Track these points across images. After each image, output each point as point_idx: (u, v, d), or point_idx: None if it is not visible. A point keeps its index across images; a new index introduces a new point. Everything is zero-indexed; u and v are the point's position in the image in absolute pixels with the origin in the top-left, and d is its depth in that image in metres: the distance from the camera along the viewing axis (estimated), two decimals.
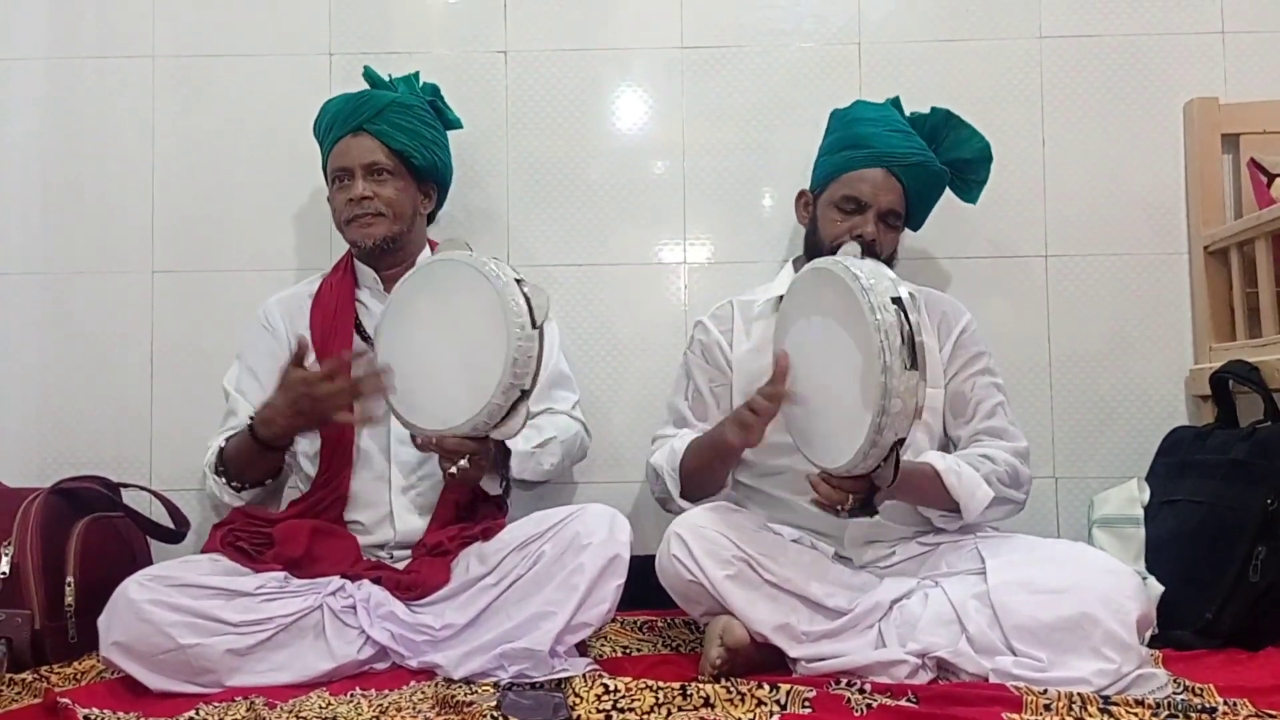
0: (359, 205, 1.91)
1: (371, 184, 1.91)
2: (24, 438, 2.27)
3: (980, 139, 1.97)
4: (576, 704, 1.44)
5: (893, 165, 1.88)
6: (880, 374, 1.46)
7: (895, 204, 1.88)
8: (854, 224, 1.87)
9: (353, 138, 1.93)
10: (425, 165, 1.98)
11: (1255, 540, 1.75)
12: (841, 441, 1.56)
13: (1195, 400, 2.22)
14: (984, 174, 2.00)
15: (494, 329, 1.61)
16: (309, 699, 1.53)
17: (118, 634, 1.57)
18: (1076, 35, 2.29)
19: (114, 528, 1.97)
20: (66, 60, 2.31)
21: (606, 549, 1.63)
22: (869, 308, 1.48)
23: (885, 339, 1.46)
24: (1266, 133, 2.23)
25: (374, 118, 1.94)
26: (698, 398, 1.94)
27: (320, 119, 2.01)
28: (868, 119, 1.95)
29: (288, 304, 1.99)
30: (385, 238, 1.92)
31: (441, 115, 2.09)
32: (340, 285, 1.96)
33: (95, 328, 2.28)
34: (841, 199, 1.89)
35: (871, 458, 1.52)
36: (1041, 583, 1.55)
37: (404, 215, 1.95)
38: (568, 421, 1.97)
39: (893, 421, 1.49)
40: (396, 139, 1.94)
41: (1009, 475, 1.79)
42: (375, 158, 1.92)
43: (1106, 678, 1.45)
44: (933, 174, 1.92)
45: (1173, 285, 2.27)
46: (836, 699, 1.45)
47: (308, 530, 1.76)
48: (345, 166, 1.93)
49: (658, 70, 2.32)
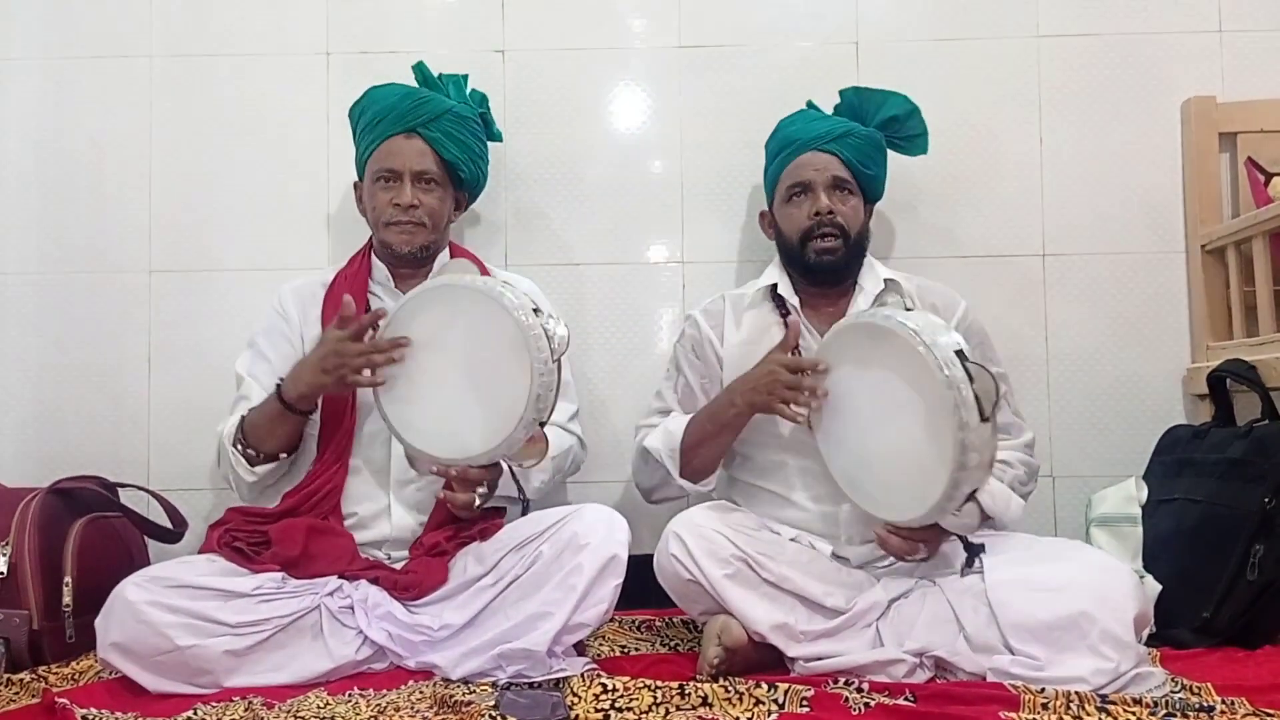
0: (405, 212, 1.89)
1: (419, 192, 1.90)
2: (22, 437, 2.27)
3: (898, 96, 2.01)
4: (575, 703, 1.45)
5: (821, 143, 1.92)
6: (958, 430, 1.48)
7: (839, 171, 1.90)
8: (808, 206, 1.88)
9: (405, 139, 1.91)
10: (470, 179, 1.99)
11: (1253, 539, 1.75)
12: (909, 495, 1.58)
13: (1193, 399, 2.22)
14: (918, 125, 2.02)
15: (516, 362, 1.61)
16: (307, 699, 1.53)
17: (115, 635, 1.57)
18: (1074, 34, 2.29)
19: (112, 528, 1.97)
20: (63, 60, 2.30)
21: (604, 549, 1.63)
22: (937, 365, 1.50)
23: (959, 394, 1.48)
24: (1264, 131, 2.23)
25: (430, 123, 1.92)
26: (687, 392, 1.94)
27: (365, 106, 1.97)
28: (788, 122, 2.02)
29: (301, 292, 1.99)
30: (421, 246, 1.91)
31: (488, 128, 2.09)
32: (355, 277, 1.96)
33: (93, 327, 2.28)
34: (789, 189, 1.92)
35: (948, 510, 1.56)
36: (1039, 581, 1.55)
37: (440, 225, 1.95)
38: (561, 436, 1.93)
39: (970, 475, 1.52)
40: (449, 149, 1.93)
41: (1026, 473, 1.84)
42: (427, 166, 1.90)
43: (1104, 676, 1.45)
44: (863, 137, 1.94)
45: (1170, 284, 2.27)
46: (834, 698, 1.46)
47: (303, 529, 1.75)
48: (394, 169, 1.90)
49: (656, 69, 2.32)
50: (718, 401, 1.83)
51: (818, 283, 1.91)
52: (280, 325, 1.96)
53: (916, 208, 2.28)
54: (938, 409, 1.51)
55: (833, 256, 1.86)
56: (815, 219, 1.86)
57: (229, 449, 1.83)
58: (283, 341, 1.94)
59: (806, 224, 1.87)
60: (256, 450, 1.83)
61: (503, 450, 1.66)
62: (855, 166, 1.91)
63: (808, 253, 1.87)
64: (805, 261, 1.88)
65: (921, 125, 2.02)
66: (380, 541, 1.86)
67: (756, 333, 1.91)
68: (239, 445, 1.83)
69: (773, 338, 1.89)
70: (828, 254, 1.86)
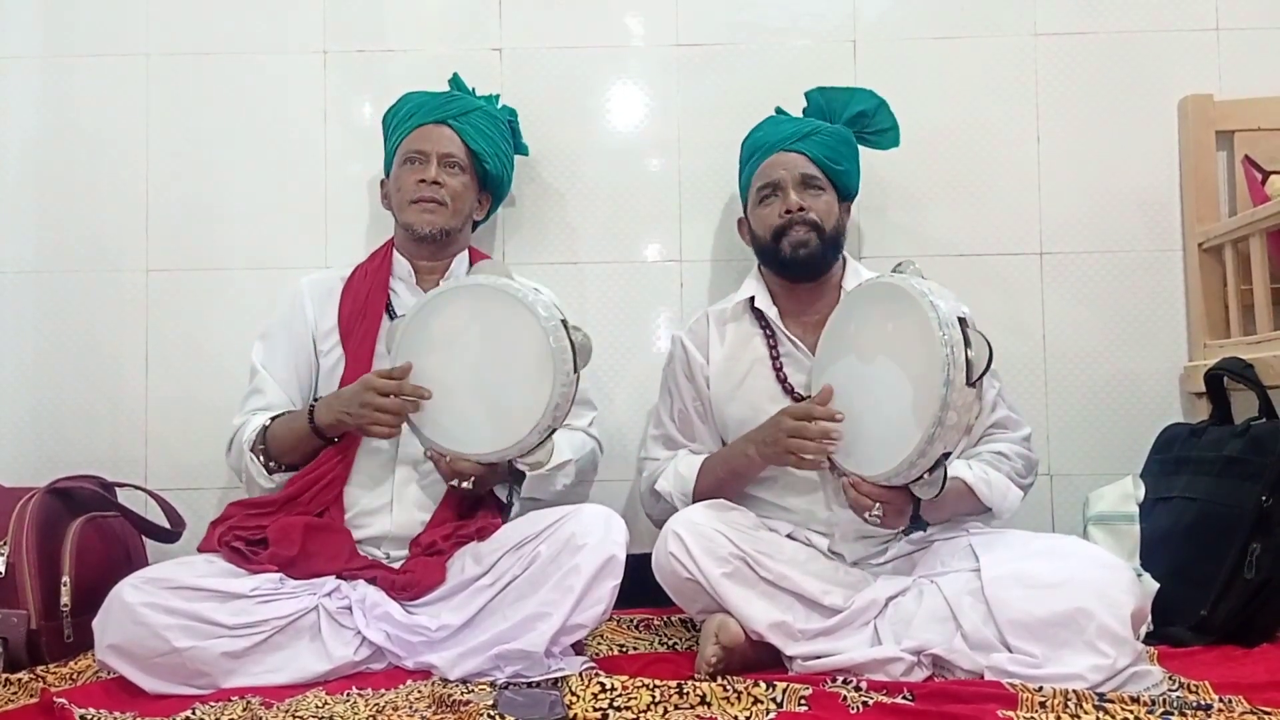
0: (428, 188, 1.93)
1: (444, 172, 1.95)
2: (19, 437, 2.26)
3: (864, 91, 2.03)
4: (573, 702, 1.45)
5: (789, 143, 1.92)
6: (942, 386, 1.51)
7: (808, 169, 1.90)
8: (778, 205, 1.89)
9: (435, 127, 1.98)
10: (495, 173, 2.03)
11: (1250, 537, 1.75)
12: (885, 450, 1.60)
13: (1190, 397, 2.23)
14: (886, 119, 2.02)
15: (538, 370, 1.66)
16: (305, 698, 1.53)
17: (113, 637, 1.57)
18: (1071, 32, 2.29)
19: (110, 527, 1.97)
20: (61, 58, 2.30)
21: (602, 550, 1.63)
22: (938, 322, 1.53)
23: (951, 354, 1.52)
24: (1261, 130, 2.23)
25: (460, 116, 2.00)
26: (684, 416, 1.95)
27: (400, 106, 2.04)
28: (756, 129, 2.02)
29: (319, 286, 1.99)
30: (442, 229, 1.94)
31: (516, 137, 2.15)
32: (377, 272, 1.97)
33: (90, 326, 2.27)
34: (759, 190, 1.93)
35: (917, 468, 1.58)
36: (1036, 578, 1.55)
37: (462, 212, 1.98)
38: (583, 440, 1.98)
39: (945, 433, 1.54)
40: (477, 140, 1.99)
41: (1024, 466, 1.84)
42: (453, 149, 1.97)
43: (1101, 673, 1.45)
44: (830, 134, 1.94)
45: (1167, 282, 2.27)
46: (832, 697, 1.46)
47: (301, 528, 1.75)
48: (423, 150, 1.96)
49: (653, 68, 2.31)
50: (733, 451, 1.85)
51: (796, 277, 1.90)
52: (297, 317, 1.96)
53: (912, 206, 2.28)
54: (930, 366, 1.54)
55: (807, 249, 1.86)
56: (786, 217, 1.87)
57: (247, 454, 1.85)
58: (297, 335, 1.95)
59: (779, 222, 1.87)
60: (277, 461, 1.85)
61: (512, 452, 1.70)
62: (824, 163, 1.91)
63: (782, 248, 1.87)
64: (780, 258, 1.88)
65: (890, 119, 2.02)
66: (380, 538, 1.86)
67: (737, 347, 1.92)
68: (259, 455, 1.84)
69: (754, 350, 1.90)
70: (802, 246, 1.86)
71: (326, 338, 1.94)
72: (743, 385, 1.89)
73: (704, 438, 1.95)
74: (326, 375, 1.93)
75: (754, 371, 1.89)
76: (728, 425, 1.91)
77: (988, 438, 1.86)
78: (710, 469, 1.86)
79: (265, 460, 1.85)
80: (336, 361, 1.91)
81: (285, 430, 1.85)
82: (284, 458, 1.86)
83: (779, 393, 1.86)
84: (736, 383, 1.90)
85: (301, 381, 1.94)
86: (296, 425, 1.83)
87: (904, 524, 1.71)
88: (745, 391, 1.89)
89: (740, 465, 1.81)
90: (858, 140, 2.00)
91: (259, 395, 1.92)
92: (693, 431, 1.95)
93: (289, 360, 1.93)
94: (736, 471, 1.83)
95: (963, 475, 1.74)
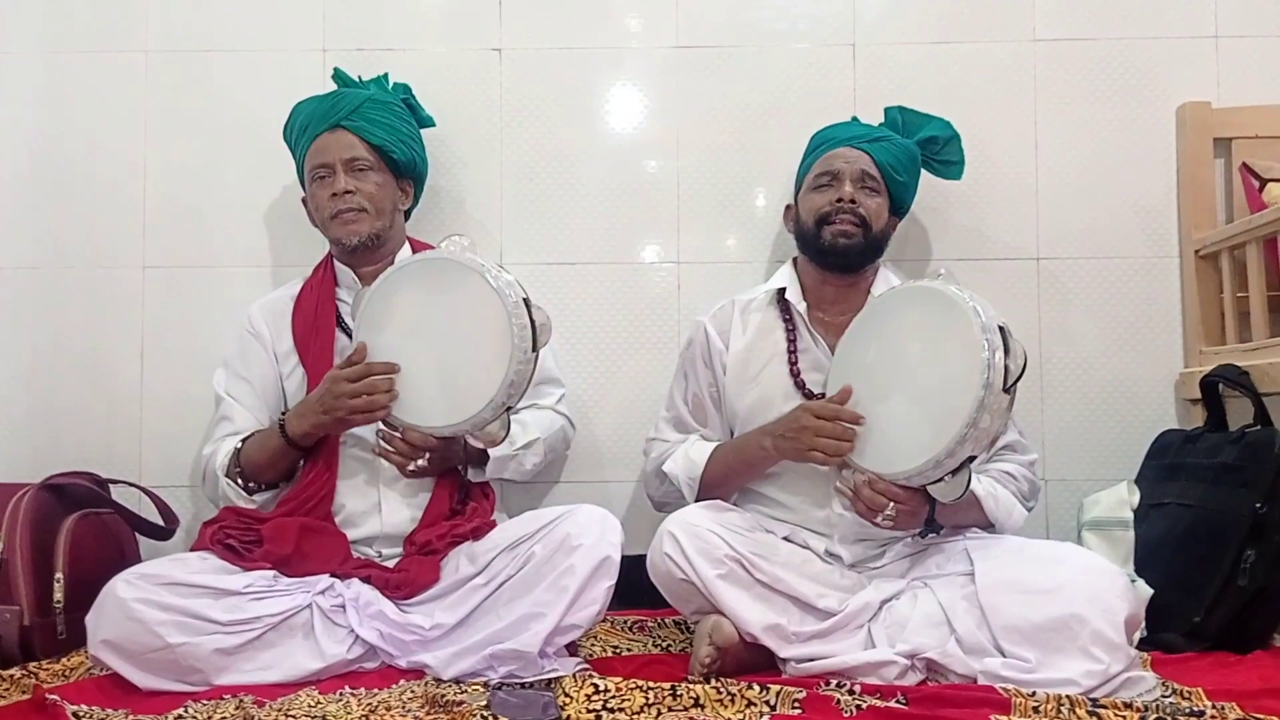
0: (342, 200, 1.90)
1: (353, 178, 1.91)
2: (13, 433, 2.26)
3: (941, 120, 2.03)
4: (566, 704, 1.45)
5: (857, 141, 1.93)
6: (981, 388, 1.52)
7: (869, 169, 1.90)
8: (831, 193, 1.88)
9: (330, 134, 1.93)
10: (404, 160, 1.98)
11: (1244, 544, 1.75)
12: (906, 449, 1.60)
13: (1185, 403, 2.23)
14: (955, 152, 2.04)
15: (496, 346, 1.64)
16: (298, 697, 1.52)
17: (106, 632, 1.57)
18: (1070, 38, 2.30)
19: (103, 524, 1.97)
20: (59, 55, 2.29)
21: (597, 550, 1.63)
22: (981, 327, 1.55)
23: (991, 357, 1.53)
24: (1259, 137, 2.23)
25: (351, 114, 1.94)
26: (697, 401, 1.95)
27: (292, 121, 2.01)
28: (829, 126, 2.02)
29: (270, 308, 1.99)
30: (369, 235, 1.91)
31: (415, 113, 2.10)
32: (321, 286, 1.96)
33: (86, 323, 2.27)
34: (817, 177, 1.92)
35: (942, 468, 1.58)
36: (1030, 583, 1.56)
37: (385, 211, 1.94)
38: (552, 418, 1.99)
39: (976, 435, 1.55)
40: (375, 134, 1.94)
41: (1029, 489, 1.86)
42: (356, 152, 1.92)
43: (1094, 678, 1.45)
44: (900, 147, 1.95)
45: (1163, 289, 2.28)
46: (826, 700, 1.46)
47: (296, 528, 1.75)
48: (326, 162, 1.92)
49: (652, 70, 2.31)
50: (747, 442, 1.84)
51: (831, 267, 1.89)
52: (253, 344, 1.96)
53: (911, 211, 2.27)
54: (968, 369, 1.54)
55: (848, 240, 1.85)
56: (836, 204, 1.86)
57: (223, 480, 1.84)
58: (258, 360, 1.94)
59: (827, 209, 1.86)
60: (256, 481, 1.84)
61: (465, 428, 1.69)
62: (886, 169, 1.91)
63: (824, 234, 1.86)
64: (820, 244, 1.87)
65: (960, 153, 2.04)
66: (372, 538, 1.86)
67: (758, 338, 1.92)
68: (236, 479, 1.83)
69: (774, 341, 1.89)
70: (843, 236, 1.85)
71: (286, 359, 1.93)
72: (758, 377, 1.89)
73: (715, 424, 1.94)
74: (293, 396, 1.92)
75: (771, 365, 1.89)
76: (737, 414, 1.91)
77: (997, 457, 1.87)
78: (721, 457, 1.86)
79: (244, 483, 1.84)
80: (301, 381, 1.90)
81: (258, 450, 1.84)
82: (261, 476, 1.85)
83: (792, 388, 1.86)
84: (753, 374, 1.89)
85: (270, 404, 1.93)
86: (270, 443, 1.82)
87: (917, 526, 1.72)
88: (760, 384, 1.89)
89: (754, 456, 1.81)
90: (923, 164, 2.01)
91: (227, 422, 1.91)
92: (705, 417, 1.94)
93: (254, 385, 1.92)
94: (749, 463, 1.83)
95: (972, 487, 1.75)
